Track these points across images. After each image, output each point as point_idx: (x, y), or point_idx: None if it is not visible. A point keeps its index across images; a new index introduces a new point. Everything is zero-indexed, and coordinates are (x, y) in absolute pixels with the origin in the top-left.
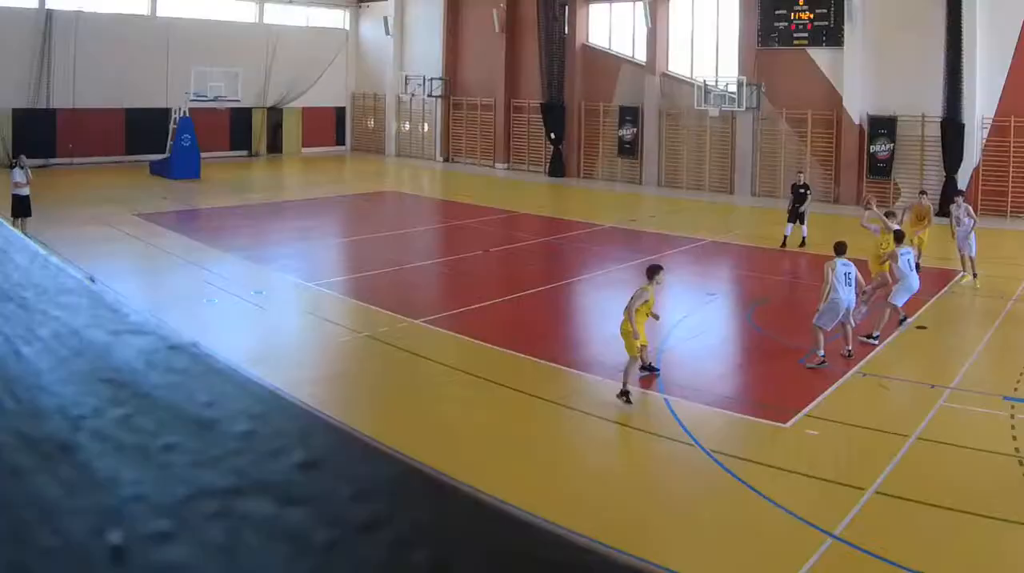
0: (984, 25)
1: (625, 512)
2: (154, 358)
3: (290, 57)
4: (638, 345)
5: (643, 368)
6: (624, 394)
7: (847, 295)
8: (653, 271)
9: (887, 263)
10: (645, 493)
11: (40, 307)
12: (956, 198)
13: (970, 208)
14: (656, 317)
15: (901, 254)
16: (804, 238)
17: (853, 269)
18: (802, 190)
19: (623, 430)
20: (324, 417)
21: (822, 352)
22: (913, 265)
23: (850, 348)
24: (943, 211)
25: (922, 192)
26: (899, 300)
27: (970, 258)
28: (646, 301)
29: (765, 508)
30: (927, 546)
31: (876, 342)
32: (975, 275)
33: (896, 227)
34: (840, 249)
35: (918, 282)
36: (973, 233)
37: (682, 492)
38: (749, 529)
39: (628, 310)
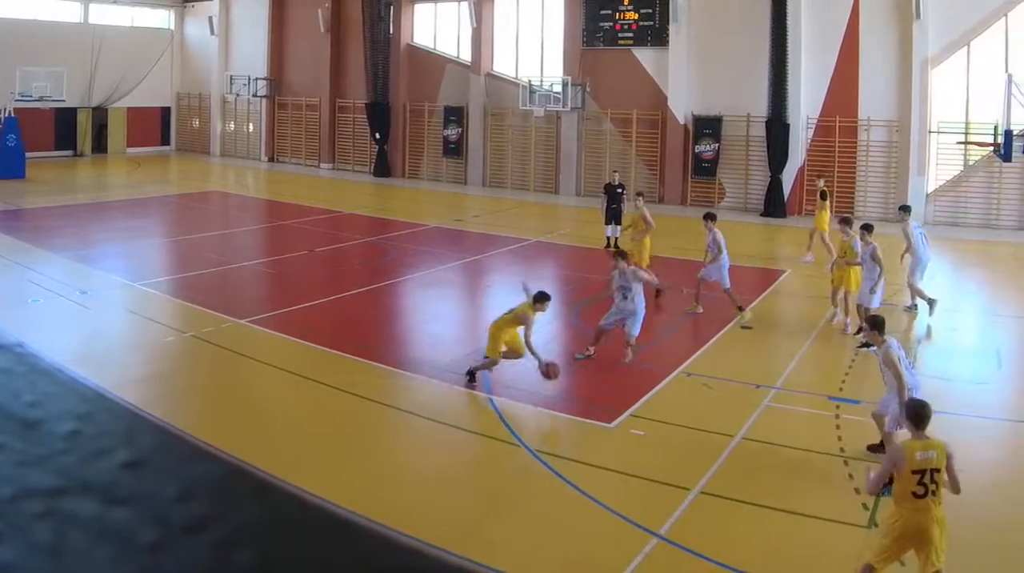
0: (809, 26)
1: (450, 512)
2: None
3: (115, 57)
4: (499, 356)
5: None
6: (471, 375)
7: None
8: (543, 298)
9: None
10: (471, 493)
11: None
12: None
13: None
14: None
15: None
16: (616, 239)
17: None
18: (618, 190)
19: (448, 430)
20: (149, 417)
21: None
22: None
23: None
24: (768, 211)
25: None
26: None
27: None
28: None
29: (591, 508)
30: (751, 545)
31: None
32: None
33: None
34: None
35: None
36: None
37: (508, 492)
38: (575, 529)
39: (527, 335)
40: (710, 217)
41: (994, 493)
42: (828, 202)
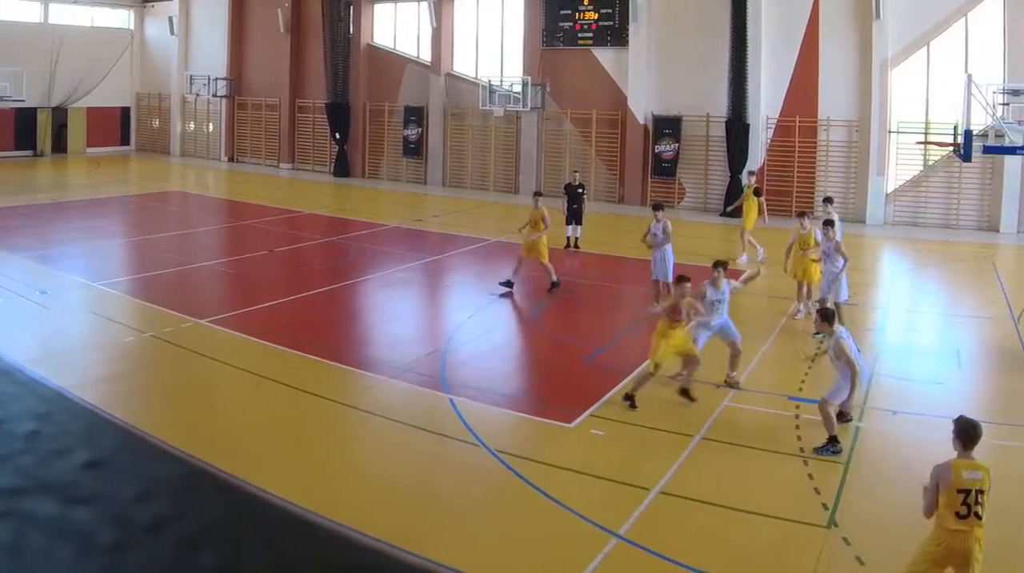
0: (769, 26)
1: (411, 512)
2: None
3: (75, 57)
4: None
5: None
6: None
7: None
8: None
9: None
10: (431, 493)
11: None
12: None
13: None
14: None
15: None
16: (577, 239)
17: None
18: (578, 190)
19: (408, 430)
20: (109, 417)
21: None
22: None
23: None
24: (728, 211)
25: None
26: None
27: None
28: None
29: (551, 508)
30: (711, 545)
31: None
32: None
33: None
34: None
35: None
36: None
37: (468, 492)
38: (535, 529)
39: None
40: (659, 207)
41: None
42: (759, 200)
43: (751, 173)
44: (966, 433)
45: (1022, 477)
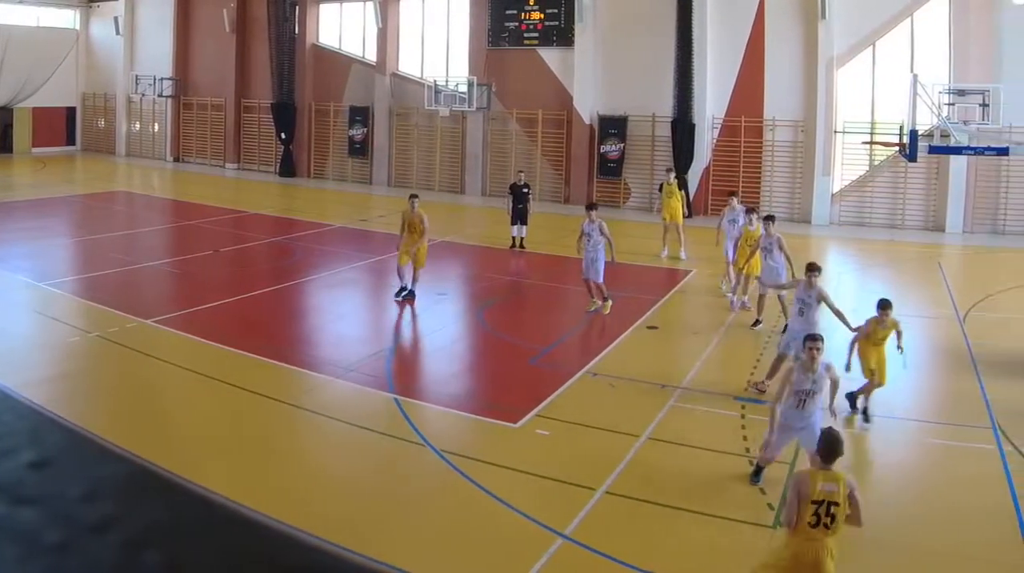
0: (715, 26)
1: (356, 512)
2: None
3: (20, 57)
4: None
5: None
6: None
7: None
8: (884, 306)
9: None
10: (376, 493)
11: None
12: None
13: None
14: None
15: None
16: (523, 239)
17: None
18: (524, 190)
19: (353, 430)
20: (54, 417)
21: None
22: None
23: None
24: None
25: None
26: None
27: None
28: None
29: (496, 508)
30: (657, 545)
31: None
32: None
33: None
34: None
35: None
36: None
37: (413, 492)
38: (481, 529)
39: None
40: (593, 207)
41: (901, 492)
42: (680, 194)
43: (668, 170)
44: (830, 449)
45: (967, 477)
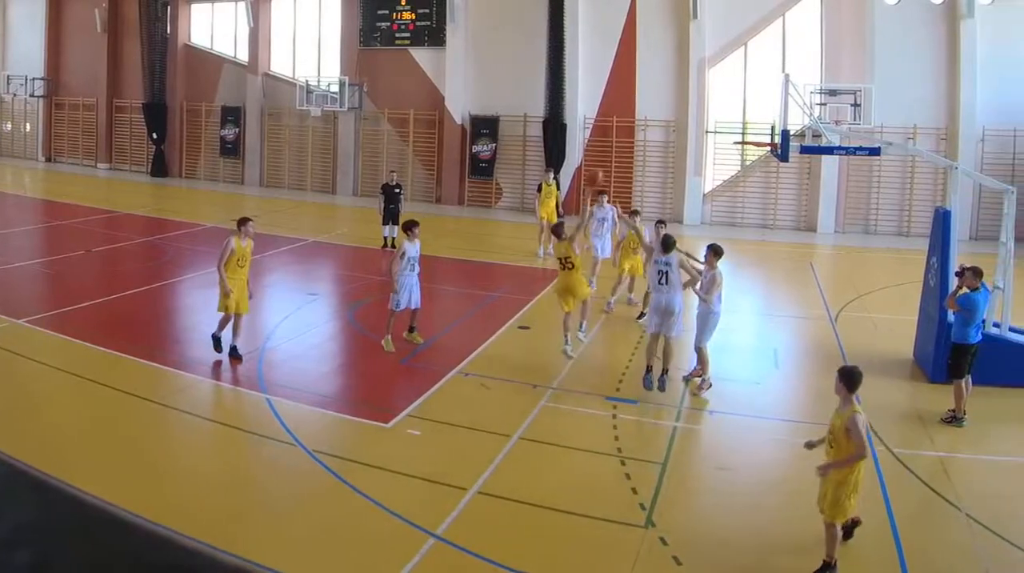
0: (586, 26)
1: (227, 512)
2: None
3: None
4: None
5: None
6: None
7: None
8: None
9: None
10: (247, 493)
11: None
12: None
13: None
14: None
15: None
16: (394, 239)
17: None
18: (396, 190)
19: (224, 430)
20: None
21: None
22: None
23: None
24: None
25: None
26: None
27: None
28: None
29: (368, 508)
30: (529, 545)
31: None
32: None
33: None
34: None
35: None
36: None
37: (284, 492)
38: (352, 529)
39: None
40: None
41: (771, 491)
42: (555, 193)
43: (547, 170)
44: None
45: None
